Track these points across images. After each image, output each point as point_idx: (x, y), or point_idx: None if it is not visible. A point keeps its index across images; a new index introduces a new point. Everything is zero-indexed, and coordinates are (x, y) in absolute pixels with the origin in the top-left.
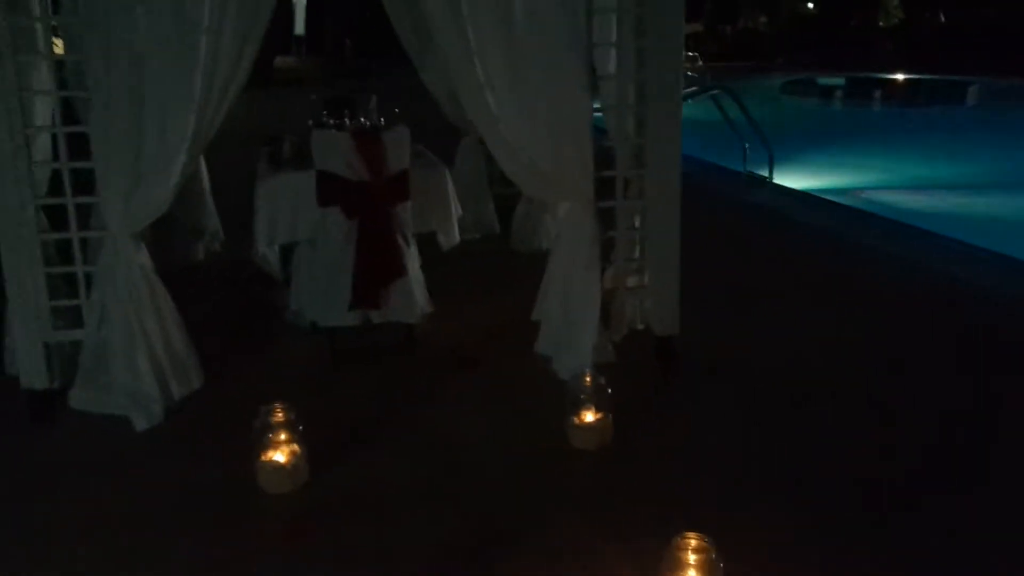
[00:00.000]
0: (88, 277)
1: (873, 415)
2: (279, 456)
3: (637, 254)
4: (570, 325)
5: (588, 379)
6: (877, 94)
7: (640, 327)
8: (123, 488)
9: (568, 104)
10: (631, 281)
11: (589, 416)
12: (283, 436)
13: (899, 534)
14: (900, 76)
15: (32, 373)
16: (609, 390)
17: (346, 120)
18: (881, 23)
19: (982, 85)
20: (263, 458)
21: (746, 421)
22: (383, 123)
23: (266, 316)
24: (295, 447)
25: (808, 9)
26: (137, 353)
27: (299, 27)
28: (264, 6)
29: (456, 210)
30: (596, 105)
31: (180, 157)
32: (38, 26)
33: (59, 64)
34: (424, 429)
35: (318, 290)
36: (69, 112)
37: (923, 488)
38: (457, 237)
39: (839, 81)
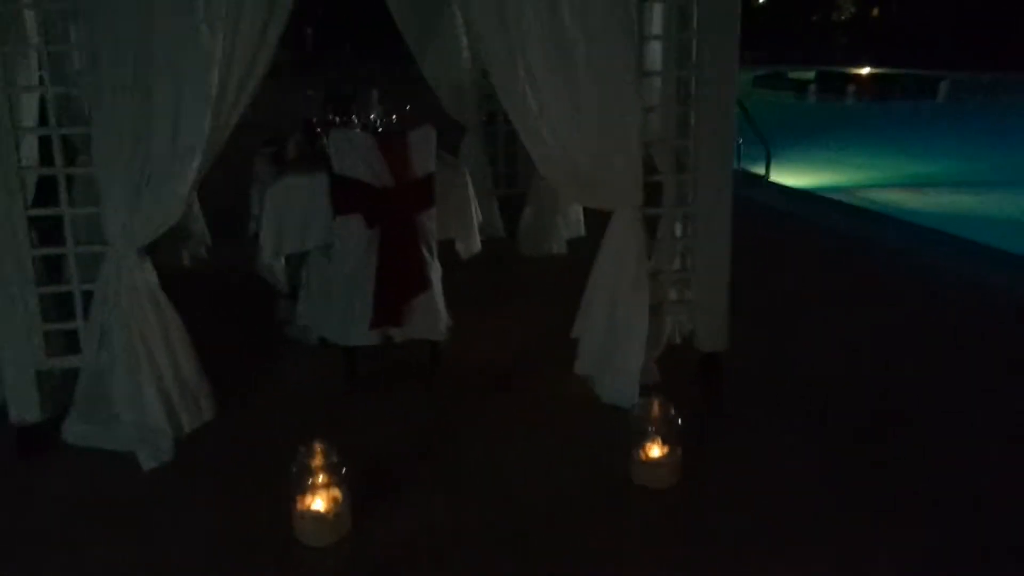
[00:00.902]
0: (85, 296)
1: (953, 433)
2: (319, 503)
3: (677, 264)
4: (615, 345)
5: (656, 408)
6: (851, 88)
7: (677, 341)
8: (134, 539)
9: (617, 101)
10: (673, 294)
11: (656, 451)
12: (323, 480)
13: None
14: (866, 70)
15: (23, 405)
16: (680, 420)
17: (354, 118)
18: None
19: (953, 80)
20: (301, 506)
21: (812, 446)
22: (394, 120)
23: (265, 329)
24: (337, 493)
25: (757, 3)
26: (143, 382)
27: None
28: None
29: (477, 215)
30: None
31: (193, 160)
32: (29, 14)
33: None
34: (466, 463)
35: (333, 306)
36: (45, 112)
37: None
38: (478, 245)
39: (810, 75)
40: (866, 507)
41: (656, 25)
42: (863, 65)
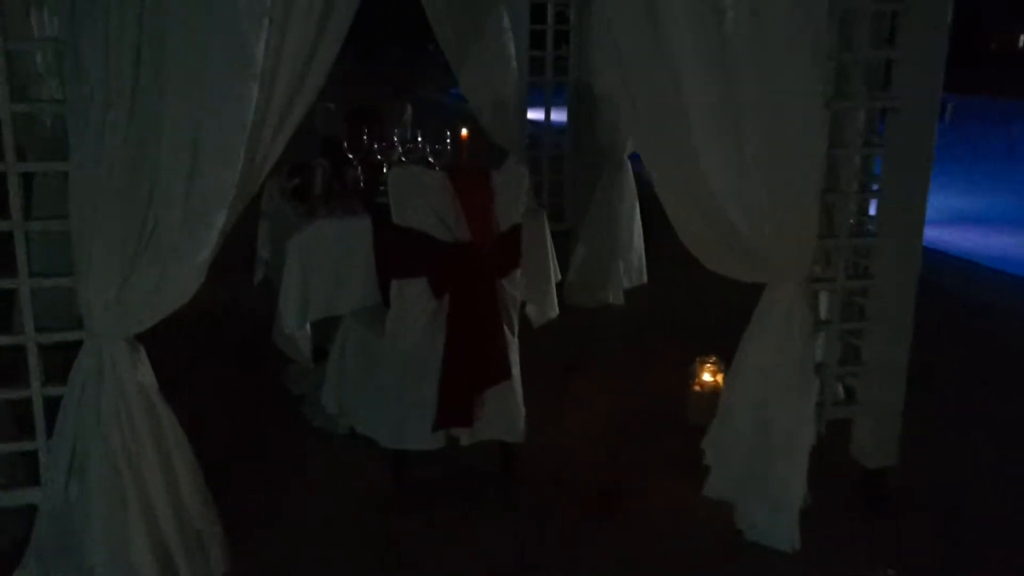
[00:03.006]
0: (51, 404)
1: None
2: None
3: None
4: (768, 465)
5: None
6: None
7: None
8: None
9: (796, 139)
10: (828, 393)
11: None
12: None
13: None
14: None
15: None
16: None
17: (397, 146)
18: None
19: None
20: None
21: None
22: (448, 147)
23: (275, 404)
24: None
25: None
26: (129, 526)
27: None
28: None
29: (555, 273)
30: None
31: (215, 217)
32: None
33: None
34: None
35: (381, 397)
36: None
37: None
38: (556, 309)
39: None
40: None
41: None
42: None
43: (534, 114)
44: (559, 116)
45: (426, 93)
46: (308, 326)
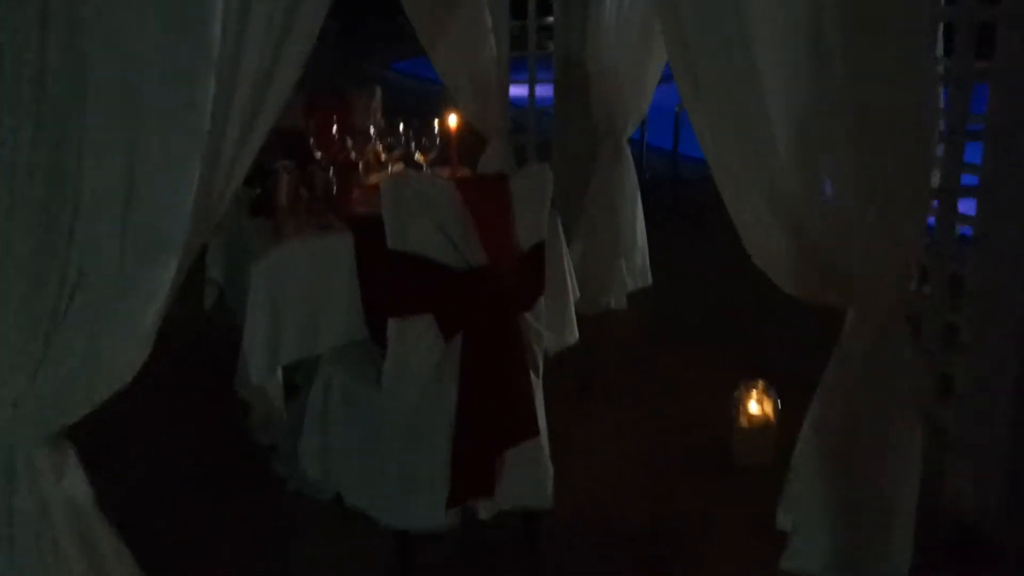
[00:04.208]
0: None
1: None
2: None
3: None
4: (866, 534)
5: None
6: None
7: None
8: None
9: (900, 151)
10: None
11: None
12: None
13: None
14: None
15: None
16: None
17: (374, 139)
18: None
19: None
20: None
21: None
22: (426, 143)
23: (237, 454)
24: None
25: None
26: None
27: None
28: None
29: (574, 292)
30: None
31: (166, 256)
32: None
33: None
34: None
35: (376, 464)
36: None
37: None
38: (575, 334)
39: None
40: None
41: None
42: None
43: (516, 91)
44: (544, 93)
45: (369, 68)
46: (280, 372)
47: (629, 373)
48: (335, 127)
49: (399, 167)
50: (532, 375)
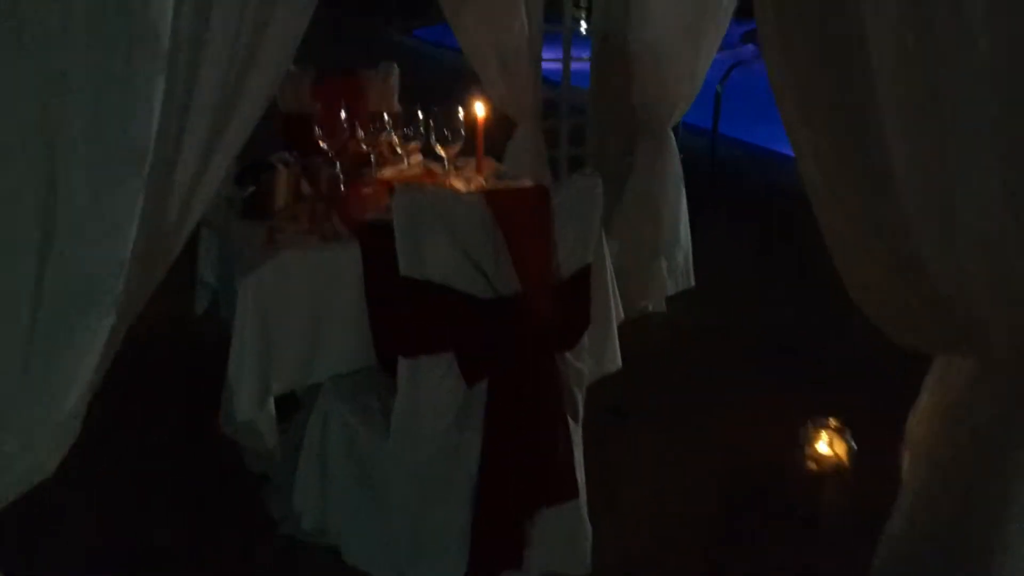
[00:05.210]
0: None
1: None
2: None
3: None
4: None
5: None
6: None
7: None
8: None
9: None
10: None
11: None
12: None
13: None
14: None
15: None
16: None
17: (388, 127)
18: None
19: None
20: None
21: None
22: (447, 134)
23: (225, 481)
24: None
25: None
26: None
27: None
28: None
29: (618, 312)
30: None
31: (99, 314)
32: None
33: None
34: None
35: (381, 521)
36: None
37: None
38: (618, 361)
39: None
40: None
41: None
42: None
43: (548, 68)
44: (580, 71)
45: (387, 34)
46: (272, 404)
47: (670, 392)
48: (343, 112)
49: (417, 159)
50: (571, 422)
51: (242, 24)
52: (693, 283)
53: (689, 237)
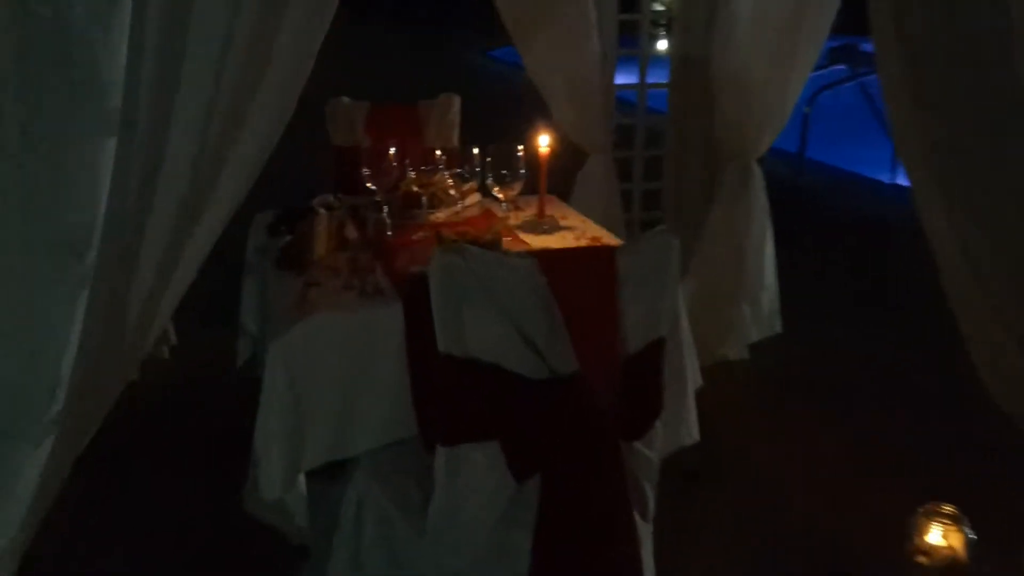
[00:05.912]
0: None
1: None
2: None
3: None
4: None
5: None
6: None
7: None
8: None
9: None
10: None
11: None
12: None
13: None
14: None
15: None
16: None
17: (441, 167)
18: None
19: None
20: None
21: None
22: (505, 175)
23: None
24: None
25: None
26: None
27: None
28: None
29: (695, 379)
30: None
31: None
32: None
33: None
34: None
35: None
36: None
37: None
38: (694, 434)
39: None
40: None
41: None
42: None
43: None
44: (658, 100)
45: (461, 54)
46: (303, 483)
47: (750, 454)
48: (393, 149)
49: (474, 199)
50: (639, 521)
51: (219, 81)
52: (779, 328)
53: (775, 277)
